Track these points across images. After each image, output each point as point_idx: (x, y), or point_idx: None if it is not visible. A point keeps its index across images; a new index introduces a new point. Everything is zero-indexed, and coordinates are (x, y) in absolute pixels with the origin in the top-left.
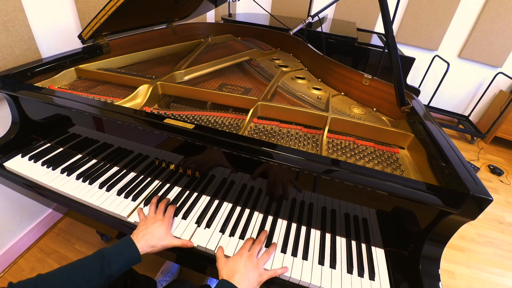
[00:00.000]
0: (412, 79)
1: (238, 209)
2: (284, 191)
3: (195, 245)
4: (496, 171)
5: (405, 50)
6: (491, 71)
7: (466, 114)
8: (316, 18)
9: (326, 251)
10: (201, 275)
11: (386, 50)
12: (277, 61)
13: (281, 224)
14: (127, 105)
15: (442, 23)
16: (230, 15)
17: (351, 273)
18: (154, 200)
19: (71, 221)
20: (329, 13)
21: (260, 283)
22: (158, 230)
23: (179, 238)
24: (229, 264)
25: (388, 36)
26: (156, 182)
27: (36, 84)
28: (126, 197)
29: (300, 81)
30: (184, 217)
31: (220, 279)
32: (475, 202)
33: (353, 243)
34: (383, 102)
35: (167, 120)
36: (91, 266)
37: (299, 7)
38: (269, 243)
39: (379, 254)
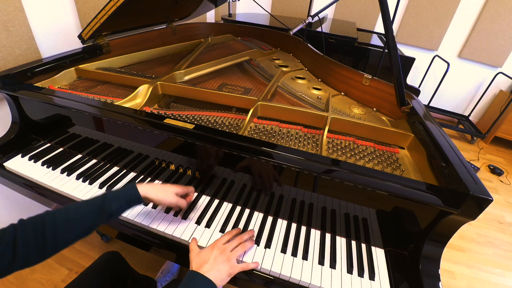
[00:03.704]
0: (412, 79)
1: (238, 209)
2: (284, 191)
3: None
4: (496, 171)
5: (405, 50)
6: (491, 71)
7: (466, 114)
8: (316, 18)
9: (326, 251)
10: None
11: (386, 50)
12: (277, 61)
13: (281, 224)
14: (127, 105)
15: (442, 23)
16: (230, 15)
17: (351, 273)
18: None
19: None
20: (329, 13)
21: (231, 275)
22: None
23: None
24: (200, 255)
25: (388, 36)
26: (156, 182)
27: (36, 84)
28: None
29: (300, 81)
30: (184, 217)
31: (189, 269)
32: (475, 202)
33: (353, 243)
34: (383, 102)
35: (167, 120)
36: (92, 204)
37: (299, 7)
38: (258, 241)
39: (379, 254)
